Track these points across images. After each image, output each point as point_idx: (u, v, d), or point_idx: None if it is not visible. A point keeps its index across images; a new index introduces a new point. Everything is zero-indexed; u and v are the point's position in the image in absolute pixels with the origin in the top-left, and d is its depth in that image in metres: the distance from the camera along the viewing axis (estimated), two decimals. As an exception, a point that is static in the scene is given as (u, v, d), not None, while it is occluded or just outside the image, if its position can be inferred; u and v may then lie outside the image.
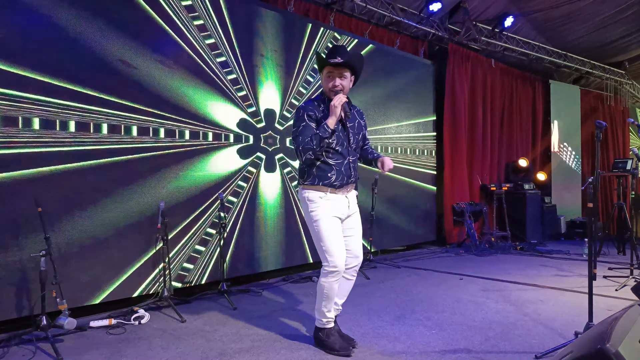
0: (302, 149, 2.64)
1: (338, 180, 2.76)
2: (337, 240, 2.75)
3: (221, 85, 4.32)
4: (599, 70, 10.09)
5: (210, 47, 4.24)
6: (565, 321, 3.46)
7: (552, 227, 8.23)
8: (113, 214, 3.60)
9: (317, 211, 2.73)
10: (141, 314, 3.42)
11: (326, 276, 2.76)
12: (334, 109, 2.67)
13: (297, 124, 2.73)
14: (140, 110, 3.77)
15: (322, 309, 2.83)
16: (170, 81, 3.95)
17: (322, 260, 2.78)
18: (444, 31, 6.93)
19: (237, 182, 4.47)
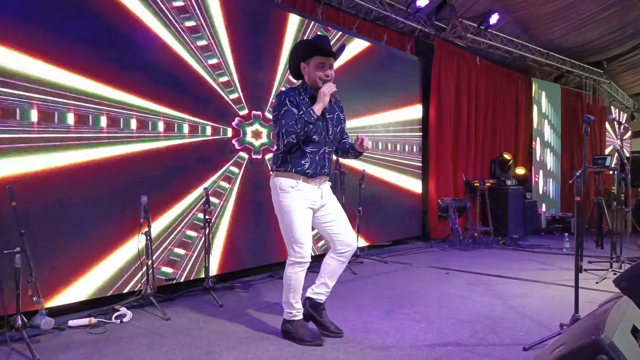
0: (285, 131, 2.60)
1: (311, 169, 2.75)
2: (306, 230, 2.75)
3: (205, 76, 4.23)
4: (579, 70, 10.26)
5: (201, 48, 4.15)
6: (550, 314, 3.49)
7: (533, 223, 8.34)
8: (93, 209, 3.49)
9: (287, 201, 2.72)
10: (123, 312, 3.33)
11: (292, 267, 2.78)
12: (323, 97, 2.66)
13: (278, 107, 2.69)
14: (137, 104, 3.67)
15: (290, 301, 2.82)
16: (152, 68, 3.85)
17: (289, 249, 2.79)
18: (431, 27, 6.94)
19: (223, 176, 4.39)
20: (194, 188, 4.15)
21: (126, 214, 3.67)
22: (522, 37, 8.48)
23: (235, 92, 4.50)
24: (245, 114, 4.59)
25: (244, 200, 4.57)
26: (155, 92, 3.86)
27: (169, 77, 3.96)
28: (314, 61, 2.76)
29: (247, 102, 4.60)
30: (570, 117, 10.78)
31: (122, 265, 3.66)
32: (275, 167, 2.79)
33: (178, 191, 4.05)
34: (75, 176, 3.39)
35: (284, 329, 2.91)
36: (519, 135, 9.24)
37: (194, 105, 4.14)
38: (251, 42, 4.62)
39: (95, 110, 3.50)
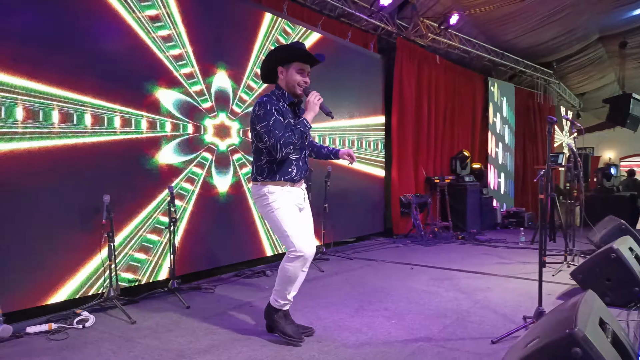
0: (283, 143, 2.59)
1: (298, 175, 2.80)
2: (298, 224, 2.75)
3: (169, 69, 4.10)
4: (531, 70, 10.67)
5: (164, 39, 4.01)
6: (513, 307, 3.62)
7: (490, 217, 8.62)
8: (52, 209, 3.31)
9: (277, 200, 2.72)
10: (85, 316, 3.18)
11: (292, 261, 2.71)
12: (313, 106, 2.70)
13: (266, 117, 2.63)
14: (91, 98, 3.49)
15: (283, 291, 2.80)
16: (112, 65, 3.69)
17: (288, 246, 2.72)
18: (393, 26, 7.02)
19: (187, 174, 4.27)
20: (157, 187, 4.02)
21: (87, 214, 3.50)
22: (479, 38, 8.72)
23: (198, 84, 4.39)
24: (209, 107, 4.49)
25: (206, 198, 4.47)
26: (108, 86, 3.70)
27: (122, 69, 3.80)
28: (294, 66, 2.74)
29: (209, 96, 4.50)
30: (523, 116, 11.22)
31: (82, 267, 3.49)
32: (261, 178, 2.75)
33: (140, 191, 3.91)
34: (32, 174, 3.20)
35: (269, 314, 2.88)
36: (476, 132, 9.52)
37: (151, 100, 4.01)
38: (214, 36, 4.51)
39: (46, 106, 3.32)
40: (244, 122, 4.81)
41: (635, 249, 4.00)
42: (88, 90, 3.52)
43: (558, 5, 7.84)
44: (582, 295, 2.20)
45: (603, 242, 5.23)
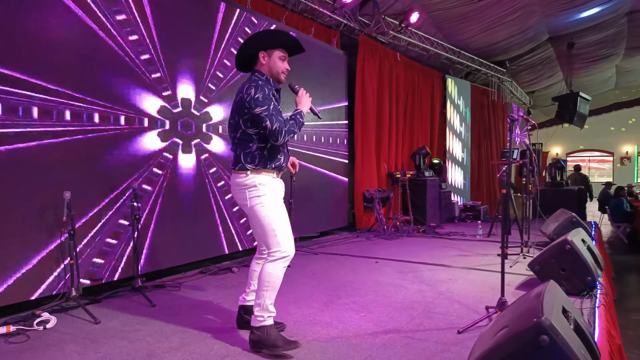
0: (287, 130, 2.56)
1: (285, 162, 2.76)
2: (287, 224, 2.67)
3: (133, 65, 3.97)
4: (485, 68, 11.03)
5: (122, 24, 3.87)
6: (475, 297, 3.76)
7: (448, 211, 8.87)
8: (8, 206, 3.15)
9: (266, 195, 2.60)
10: (45, 317, 3.05)
11: (275, 262, 2.57)
12: (307, 101, 2.76)
13: (265, 102, 2.52)
14: (39, 88, 3.33)
15: (266, 302, 2.56)
16: (75, 57, 3.54)
17: (272, 246, 2.59)
18: (355, 22, 7.07)
19: (150, 170, 4.16)
20: (118, 184, 3.89)
21: (45, 211, 3.35)
22: (437, 36, 8.93)
23: (161, 77, 4.28)
24: (179, 111, 4.39)
25: (169, 196, 4.38)
26: (60, 74, 3.55)
27: (77, 56, 3.65)
28: (277, 53, 2.69)
29: (173, 90, 4.40)
30: (478, 112, 11.60)
31: (41, 266, 3.34)
32: (252, 166, 2.59)
33: (100, 188, 3.78)
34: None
35: (253, 338, 2.58)
36: (435, 128, 9.76)
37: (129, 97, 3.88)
38: (177, 28, 4.41)
39: (23, 100, 3.16)
40: (208, 117, 4.73)
41: (587, 241, 4.23)
42: (37, 84, 3.36)
43: (511, 7, 8.14)
44: (545, 286, 2.31)
45: (556, 234, 5.50)
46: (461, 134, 10.63)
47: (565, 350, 1.84)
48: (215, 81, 4.81)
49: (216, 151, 4.84)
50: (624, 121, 19.88)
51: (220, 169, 4.87)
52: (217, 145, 4.85)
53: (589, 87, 15.49)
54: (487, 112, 11.94)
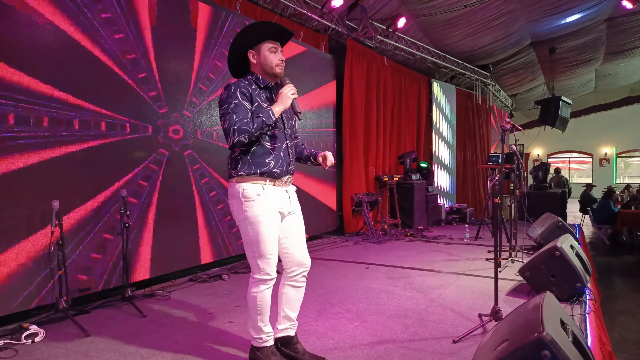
0: (237, 128, 2.26)
1: (278, 167, 2.43)
2: (273, 244, 2.43)
3: (120, 70, 3.90)
4: (470, 72, 11.14)
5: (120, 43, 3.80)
6: (467, 304, 3.78)
7: (435, 214, 8.94)
8: (-6, 217, 3.07)
9: (252, 210, 2.36)
10: (34, 330, 2.99)
11: (257, 286, 2.42)
12: (285, 99, 2.40)
13: (228, 100, 2.33)
14: (20, 92, 3.25)
15: (258, 325, 2.45)
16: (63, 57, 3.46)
17: (252, 267, 2.43)
18: (343, 27, 7.07)
19: (139, 178, 4.09)
20: (106, 191, 3.82)
21: (33, 220, 3.27)
22: (423, 41, 8.99)
23: (150, 83, 4.21)
24: (167, 116, 4.32)
25: (158, 203, 4.31)
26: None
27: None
28: (266, 46, 2.46)
29: (162, 95, 4.33)
30: (463, 115, 11.71)
31: (28, 277, 3.26)
32: (235, 173, 2.40)
33: (89, 196, 3.70)
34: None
35: (253, 357, 2.51)
36: (421, 131, 9.82)
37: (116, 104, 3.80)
38: (168, 35, 4.35)
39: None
40: (197, 123, 4.68)
41: (575, 247, 4.29)
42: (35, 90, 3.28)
43: (495, 13, 8.25)
44: (542, 298, 2.33)
45: (543, 238, 5.58)
46: (447, 137, 10.72)
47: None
48: (201, 88, 4.75)
49: (205, 157, 4.78)
50: (602, 123, 20.30)
51: (211, 177, 4.82)
52: (207, 152, 4.80)
53: (570, 90, 15.79)
54: (472, 115, 12.07)
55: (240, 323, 3.30)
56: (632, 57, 12.46)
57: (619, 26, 10.23)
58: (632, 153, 20.88)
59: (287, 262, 2.58)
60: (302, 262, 2.59)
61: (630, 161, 21.66)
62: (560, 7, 8.67)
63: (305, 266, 2.61)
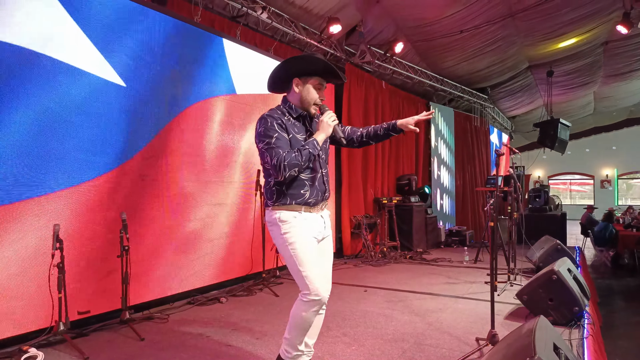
0: (287, 164, 2.31)
1: (313, 197, 2.48)
2: (317, 263, 2.46)
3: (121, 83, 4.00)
4: (468, 95, 11.29)
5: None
6: (465, 328, 3.78)
7: (434, 236, 8.95)
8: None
9: (291, 232, 2.41)
10: (33, 353, 3.02)
11: (306, 306, 2.41)
12: (327, 127, 2.46)
13: (268, 133, 2.37)
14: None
15: (294, 341, 2.50)
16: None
17: (302, 288, 2.43)
18: (342, 52, 7.22)
19: (138, 200, 4.15)
20: (107, 214, 3.87)
21: (31, 243, 3.32)
22: (421, 65, 9.14)
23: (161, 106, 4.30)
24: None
25: (157, 224, 4.36)
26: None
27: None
28: (313, 81, 2.48)
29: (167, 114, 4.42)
30: (461, 138, 11.81)
31: (28, 300, 3.29)
32: (271, 203, 2.47)
33: (89, 218, 3.75)
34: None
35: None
36: (420, 154, 9.90)
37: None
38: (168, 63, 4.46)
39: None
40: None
41: (573, 270, 4.31)
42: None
43: (491, 38, 8.41)
44: (535, 322, 2.36)
45: (541, 261, 5.59)
46: (445, 159, 10.80)
47: (558, 389, 1.89)
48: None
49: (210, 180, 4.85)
50: (603, 145, 20.38)
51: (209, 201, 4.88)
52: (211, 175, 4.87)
53: (568, 112, 15.94)
54: (470, 138, 12.17)
55: (237, 347, 3.31)
56: (630, 80, 12.62)
57: (615, 50, 10.39)
58: (634, 175, 20.92)
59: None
60: (328, 288, 2.59)
61: (633, 183, 21.67)
62: (556, 31, 8.84)
63: (329, 292, 2.60)
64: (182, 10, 4.76)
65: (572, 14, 8.01)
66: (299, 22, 6.25)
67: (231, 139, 5.14)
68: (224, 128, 5.05)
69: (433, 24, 7.41)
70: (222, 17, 5.29)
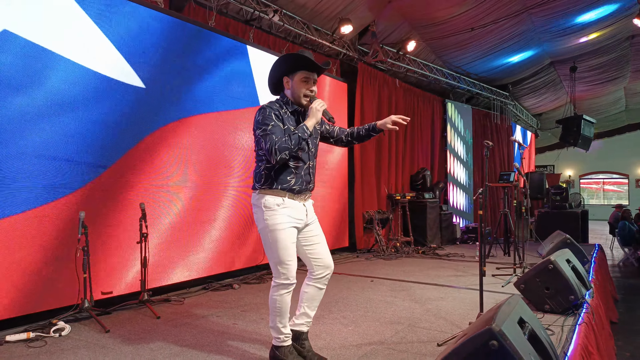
0: (278, 147, 2.51)
1: (297, 185, 2.68)
2: (292, 251, 2.66)
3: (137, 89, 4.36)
4: (487, 92, 11.31)
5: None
6: (461, 314, 3.96)
7: (449, 232, 9.07)
8: (26, 224, 3.50)
9: (272, 219, 2.62)
10: (61, 326, 3.37)
11: (277, 289, 2.67)
12: (316, 112, 2.65)
13: (265, 122, 2.58)
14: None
15: (277, 325, 2.69)
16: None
17: (274, 272, 2.68)
18: (354, 52, 7.44)
19: (160, 190, 4.49)
20: (128, 204, 4.23)
21: (61, 229, 3.70)
22: (436, 62, 9.27)
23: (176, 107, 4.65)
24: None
25: (175, 213, 4.70)
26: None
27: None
28: (299, 75, 2.69)
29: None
30: (480, 135, 11.84)
31: (58, 279, 3.67)
32: (259, 185, 2.68)
33: (115, 203, 4.12)
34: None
35: (272, 355, 2.75)
36: (435, 151, 10.02)
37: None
38: (186, 66, 4.79)
39: (31, 127, 3.52)
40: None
41: (573, 261, 4.40)
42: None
43: (507, 34, 8.47)
44: (506, 299, 2.55)
45: (549, 255, 5.67)
46: (462, 157, 10.86)
47: (514, 354, 2.07)
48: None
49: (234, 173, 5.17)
50: (637, 143, 19.72)
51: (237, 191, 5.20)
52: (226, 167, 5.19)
53: (597, 109, 15.66)
54: (490, 135, 12.18)
55: (242, 325, 3.60)
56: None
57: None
58: (671, 173, 20.23)
59: (315, 266, 2.81)
60: (329, 264, 2.84)
61: (670, 182, 20.95)
62: (574, 25, 8.81)
63: (331, 268, 2.85)
64: (197, 16, 5.09)
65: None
66: (311, 24, 6.50)
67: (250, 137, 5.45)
68: (243, 124, 5.37)
69: (445, 22, 7.55)
70: (236, 21, 5.60)
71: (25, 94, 3.51)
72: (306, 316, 2.84)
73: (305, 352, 2.79)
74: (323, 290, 2.87)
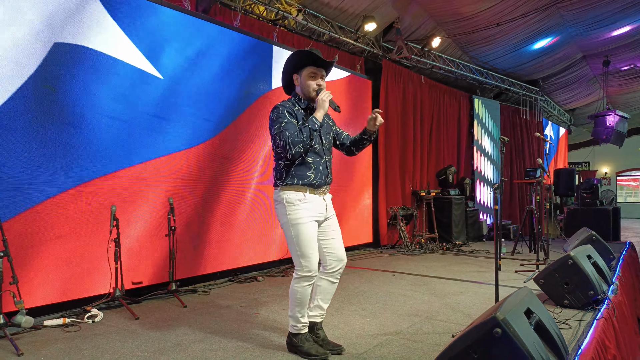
0: (291, 142, 2.63)
1: (317, 179, 2.79)
2: (313, 244, 2.76)
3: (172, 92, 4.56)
4: (516, 87, 11.15)
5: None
6: (479, 308, 4.01)
7: (475, 229, 9.01)
8: (66, 217, 3.75)
9: (294, 214, 2.73)
10: (94, 312, 3.59)
11: (299, 281, 2.77)
12: (323, 103, 2.74)
13: (278, 120, 2.70)
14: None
15: (296, 315, 2.82)
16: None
17: (296, 264, 2.78)
18: (379, 49, 7.50)
19: (186, 184, 4.70)
20: (157, 198, 4.44)
21: (95, 222, 3.93)
22: (463, 58, 9.21)
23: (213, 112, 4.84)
24: (218, 129, 4.94)
25: (203, 208, 4.89)
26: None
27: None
28: (306, 71, 2.81)
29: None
30: (509, 131, 11.68)
31: (93, 270, 3.91)
32: (280, 182, 2.79)
33: (145, 197, 4.34)
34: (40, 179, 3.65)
35: (289, 342, 2.88)
36: (462, 147, 9.97)
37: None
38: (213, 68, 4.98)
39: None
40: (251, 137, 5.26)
41: (594, 257, 4.38)
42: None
43: (536, 29, 8.34)
44: (515, 291, 2.60)
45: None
46: (490, 153, 10.75)
47: (517, 342, 2.14)
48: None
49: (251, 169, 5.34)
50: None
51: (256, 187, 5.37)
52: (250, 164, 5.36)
53: (634, 104, 15.17)
54: (520, 131, 12.00)
55: (264, 315, 3.75)
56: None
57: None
58: None
59: (328, 260, 2.90)
60: (342, 257, 2.93)
61: None
62: (607, 19, 8.61)
63: (344, 262, 2.95)
64: (225, 18, 5.26)
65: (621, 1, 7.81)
66: (334, 22, 6.60)
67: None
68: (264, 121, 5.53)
69: (470, 17, 7.52)
70: (260, 22, 5.76)
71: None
72: (320, 308, 2.95)
73: (320, 341, 2.90)
74: (336, 284, 2.96)
